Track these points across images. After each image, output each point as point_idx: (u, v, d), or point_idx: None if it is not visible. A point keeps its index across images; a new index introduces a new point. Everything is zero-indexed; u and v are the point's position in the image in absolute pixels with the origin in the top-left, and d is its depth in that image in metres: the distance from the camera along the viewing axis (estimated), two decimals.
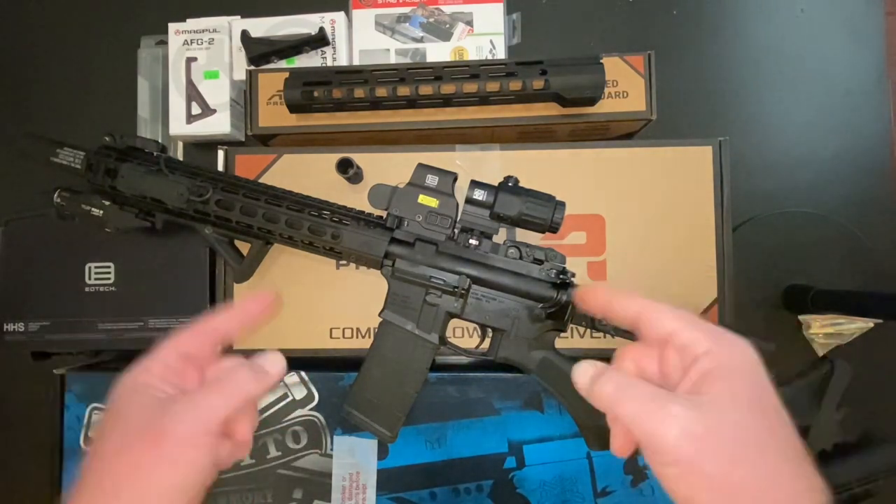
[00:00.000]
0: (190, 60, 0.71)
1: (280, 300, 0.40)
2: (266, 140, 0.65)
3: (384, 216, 0.54)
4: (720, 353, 0.30)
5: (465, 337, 0.60)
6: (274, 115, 0.63)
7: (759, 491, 0.27)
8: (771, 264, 0.74)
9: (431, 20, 0.73)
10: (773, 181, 0.76)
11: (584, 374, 0.34)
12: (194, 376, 0.35)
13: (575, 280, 0.53)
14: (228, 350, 0.61)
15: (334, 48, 0.71)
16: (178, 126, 0.70)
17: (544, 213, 0.51)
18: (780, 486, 0.28)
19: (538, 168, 0.60)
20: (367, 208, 0.54)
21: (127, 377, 0.34)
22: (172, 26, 0.71)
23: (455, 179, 0.54)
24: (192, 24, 0.71)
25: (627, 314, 0.34)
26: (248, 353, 0.63)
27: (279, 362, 0.37)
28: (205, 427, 0.31)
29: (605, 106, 0.61)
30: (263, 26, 0.70)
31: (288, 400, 0.60)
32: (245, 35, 0.69)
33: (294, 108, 0.60)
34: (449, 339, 0.56)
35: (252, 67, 0.70)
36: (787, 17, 0.78)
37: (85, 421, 0.60)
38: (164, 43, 0.74)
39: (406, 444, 0.59)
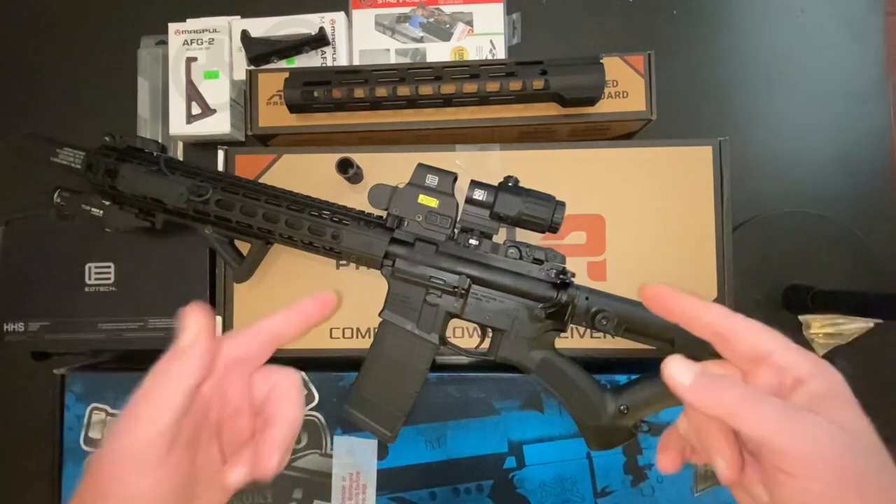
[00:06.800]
0: (190, 60, 0.71)
1: (339, 301, 0.38)
2: (266, 140, 0.65)
3: (384, 216, 0.54)
4: (826, 377, 0.30)
5: (465, 337, 0.60)
6: (274, 115, 0.63)
7: None
8: (771, 264, 0.74)
9: (431, 20, 0.73)
10: (773, 181, 0.76)
11: (685, 373, 0.30)
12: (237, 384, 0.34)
13: (575, 280, 0.53)
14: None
15: (334, 48, 0.71)
16: (178, 126, 0.70)
17: (544, 213, 0.51)
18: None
19: (538, 168, 0.60)
20: (367, 208, 0.54)
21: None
22: (172, 26, 0.71)
23: (455, 179, 0.54)
24: (192, 24, 0.71)
25: (713, 327, 0.32)
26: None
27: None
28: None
29: (605, 106, 0.61)
30: (263, 26, 0.70)
31: None
32: (245, 35, 0.69)
33: (294, 108, 0.60)
34: (449, 339, 0.56)
35: (252, 67, 0.70)
36: (788, 17, 0.78)
37: (85, 421, 0.60)
38: (164, 43, 0.74)
39: (406, 444, 0.59)
